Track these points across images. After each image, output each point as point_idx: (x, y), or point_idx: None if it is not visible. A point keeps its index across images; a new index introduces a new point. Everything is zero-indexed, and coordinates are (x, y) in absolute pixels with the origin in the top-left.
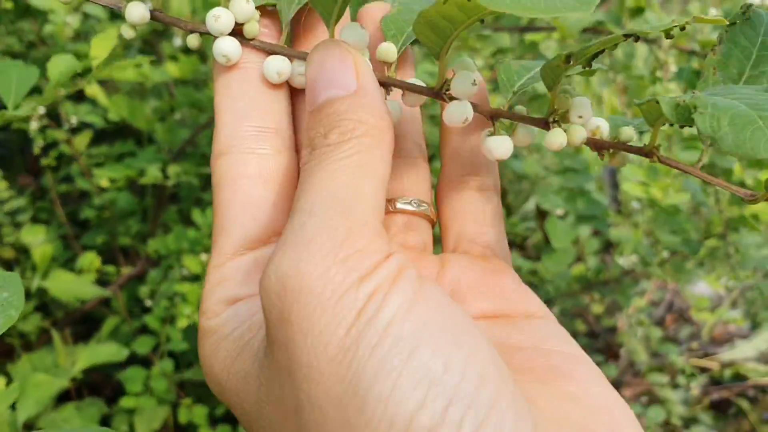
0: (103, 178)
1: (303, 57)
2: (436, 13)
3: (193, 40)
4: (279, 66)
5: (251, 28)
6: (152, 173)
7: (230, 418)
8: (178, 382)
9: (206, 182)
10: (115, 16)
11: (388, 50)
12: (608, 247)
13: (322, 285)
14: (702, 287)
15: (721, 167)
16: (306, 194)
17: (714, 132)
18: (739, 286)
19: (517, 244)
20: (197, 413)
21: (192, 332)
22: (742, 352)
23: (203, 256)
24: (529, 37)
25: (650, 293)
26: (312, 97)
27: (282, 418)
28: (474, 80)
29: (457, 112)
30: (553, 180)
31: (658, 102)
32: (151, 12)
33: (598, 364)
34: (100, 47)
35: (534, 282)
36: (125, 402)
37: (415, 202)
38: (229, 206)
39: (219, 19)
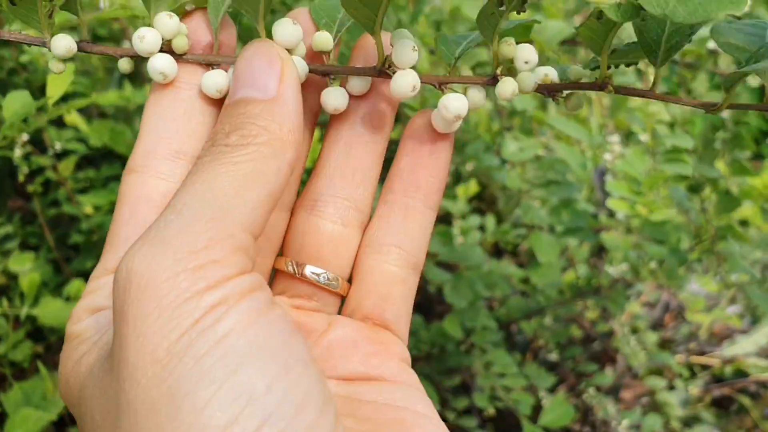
0: (87, 204)
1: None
2: None
3: (124, 64)
4: (218, 82)
5: (179, 43)
6: None
7: None
8: None
9: None
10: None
11: (324, 39)
12: (600, 251)
13: (168, 288)
14: (697, 286)
15: (707, 177)
16: (184, 190)
17: (663, 9)
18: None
19: (508, 251)
20: None
21: None
22: (742, 347)
23: None
24: None
25: (646, 295)
26: (231, 92)
27: (103, 420)
28: (414, 46)
29: (405, 82)
30: (537, 192)
31: (598, 18)
32: (78, 44)
33: (593, 372)
34: (55, 86)
35: (526, 291)
36: None
37: (324, 276)
38: (125, 225)
39: (144, 39)
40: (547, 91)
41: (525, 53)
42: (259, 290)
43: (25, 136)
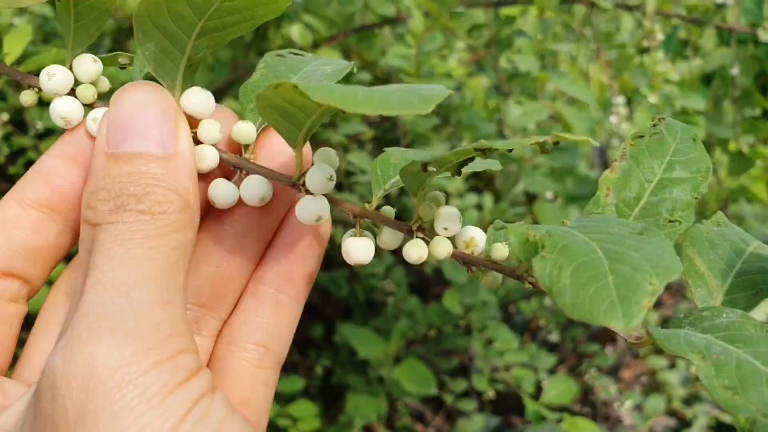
0: None
1: None
2: (279, 98)
3: (27, 98)
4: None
5: (88, 93)
6: None
7: None
8: None
9: None
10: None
11: (245, 130)
12: None
13: (149, 381)
14: None
15: (717, 137)
16: (119, 268)
17: (552, 284)
18: None
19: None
20: None
21: None
22: None
23: None
24: (505, 11)
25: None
26: (114, 139)
27: None
28: (331, 175)
29: (310, 209)
30: (539, 160)
31: (423, 168)
32: None
33: (594, 353)
34: (13, 44)
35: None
36: None
37: None
38: None
39: (53, 77)
40: (462, 260)
41: (447, 220)
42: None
43: (5, 116)
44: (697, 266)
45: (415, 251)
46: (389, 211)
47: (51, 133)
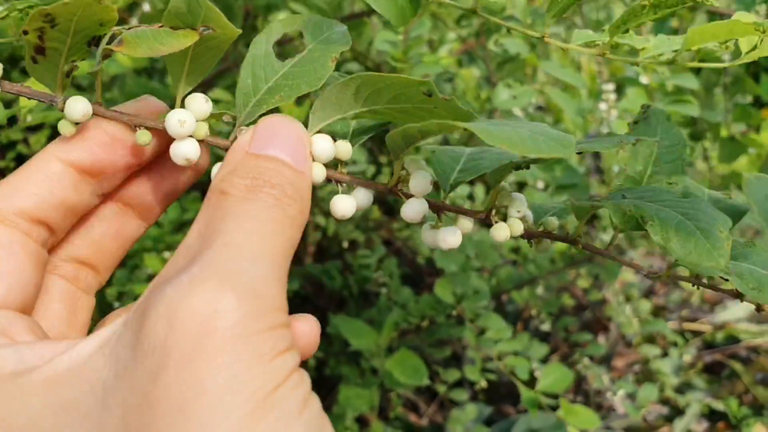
0: None
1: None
2: (416, 130)
3: (144, 138)
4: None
5: (200, 132)
6: None
7: None
8: None
9: None
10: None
11: (344, 149)
12: (592, 218)
13: (262, 341)
14: None
15: (708, 121)
16: (252, 238)
17: (666, 242)
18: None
19: (497, 220)
20: None
21: None
22: (734, 313)
23: (166, 254)
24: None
25: (638, 261)
26: (258, 143)
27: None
28: (432, 179)
29: (417, 210)
30: None
31: (593, 206)
32: (93, 107)
33: (586, 342)
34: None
35: (517, 260)
36: None
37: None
38: None
39: (185, 124)
40: (527, 236)
41: (520, 205)
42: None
43: None
44: None
45: (502, 233)
46: (461, 203)
47: (41, 127)
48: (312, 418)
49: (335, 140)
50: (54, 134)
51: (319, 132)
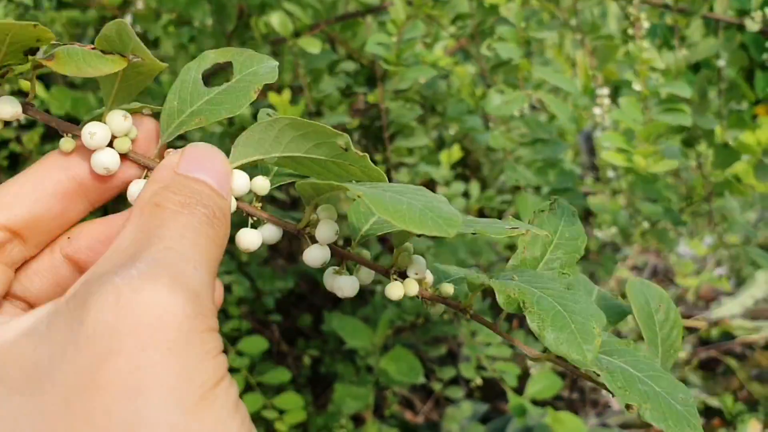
0: None
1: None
2: (316, 186)
3: (68, 145)
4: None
5: (124, 145)
6: None
7: None
8: None
9: None
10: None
11: (262, 185)
12: (587, 215)
13: (208, 339)
14: (684, 248)
15: (702, 128)
16: (192, 246)
17: (540, 329)
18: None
19: (494, 218)
20: None
21: None
22: (729, 309)
23: None
24: (489, 0)
25: (633, 259)
26: (186, 166)
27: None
28: (336, 231)
29: (316, 256)
30: (522, 152)
31: (482, 284)
32: (23, 106)
33: None
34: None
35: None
36: None
37: None
38: None
39: (94, 136)
40: (422, 297)
41: (418, 267)
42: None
43: None
44: None
45: (396, 291)
46: (366, 254)
47: (32, 125)
48: (245, 416)
49: (252, 177)
50: (47, 133)
51: (239, 167)
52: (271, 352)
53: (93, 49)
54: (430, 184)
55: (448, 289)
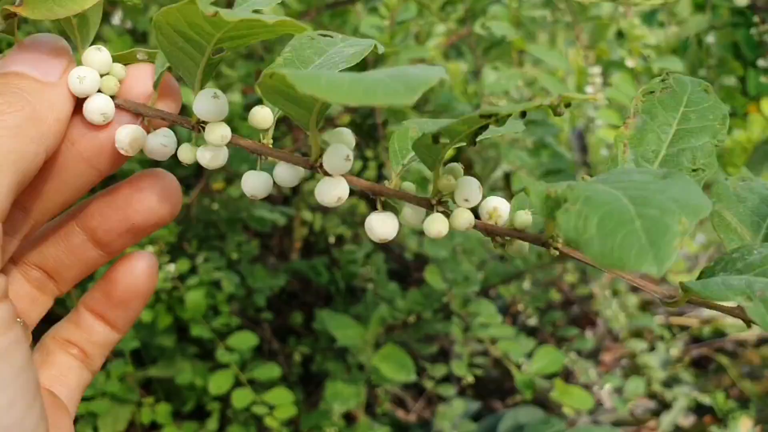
0: None
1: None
2: (282, 86)
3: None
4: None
5: (109, 84)
6: None
7: (197, 415)
8: (144, 381)
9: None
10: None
11: (263, 116)
12: None
13: None
14: None
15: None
16: None
17: (578, 235)
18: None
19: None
20: (160, 412)
21: (146, 329)
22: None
23: (149, 249)
24: None
25: None
26: (2, 64)
27: None
28: (348, 155)
29: (330, 190)
30: (516, 136)
31: (434, 141)
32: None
33: (573, 336)
34: None
35: (504, 255)
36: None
37: None
38: None
39: (84, 80)
40: (486, 232)
41: (467, 191)
42: (4, 300)
43: None
44: (727, 221)
45: (434, 226)
46: (409, 186)
47: None
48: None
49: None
50: None
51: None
52: (261, 350)
53: None
54: (423, 182)
55: (524, 218)
